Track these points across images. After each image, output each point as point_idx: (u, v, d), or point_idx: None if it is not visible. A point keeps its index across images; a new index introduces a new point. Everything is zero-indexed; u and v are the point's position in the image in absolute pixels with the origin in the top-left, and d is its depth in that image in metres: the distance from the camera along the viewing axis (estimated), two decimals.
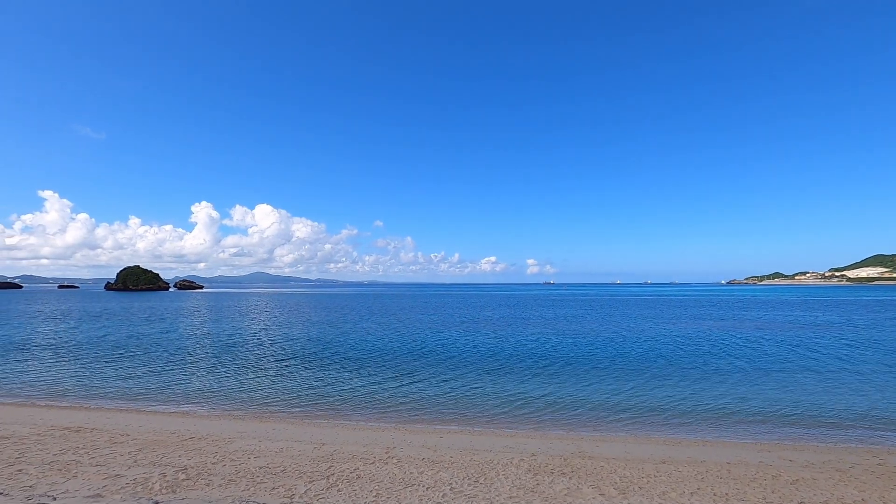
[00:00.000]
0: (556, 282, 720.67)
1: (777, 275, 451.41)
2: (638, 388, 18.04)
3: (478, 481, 8.01)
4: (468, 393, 17.48)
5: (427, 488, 7.58)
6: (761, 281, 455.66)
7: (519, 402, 16.19)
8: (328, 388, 18.32)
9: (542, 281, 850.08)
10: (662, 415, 14.75)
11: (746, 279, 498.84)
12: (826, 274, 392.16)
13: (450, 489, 7.57)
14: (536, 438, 11.95)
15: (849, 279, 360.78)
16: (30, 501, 6.41)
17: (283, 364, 23.42)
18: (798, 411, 14.93)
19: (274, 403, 16.12)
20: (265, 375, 20.66)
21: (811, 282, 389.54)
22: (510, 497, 7.31)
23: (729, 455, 10.43)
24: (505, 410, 15.29)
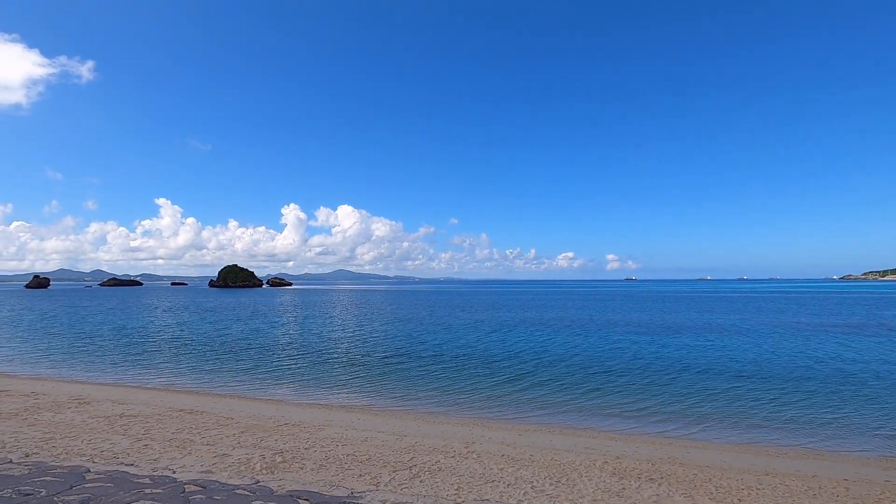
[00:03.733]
0: (638, 278, 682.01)
1: None
2: (738, 393, 16.68)
3: (559, 481, 7.85)
4: (547, 391, 17.18)
5: (507, 485, 7.56)
6: (884, 276, 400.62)
7: (601, 403, 15.63)
8: (409, 381, 18.87)
9: (622, 277, 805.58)
10: (766, 422, 13.51)
11: (864, 274, 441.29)
12: None
13: (531, 487, 7.49)
14: (621, 441, 11.47)
15: None
16: (155, 473, 7.27)
17: (368, 357, 24.47)
18: None
19: (359, 394, 16.91)
20: (352, 368, 21.72)
21: None
22: (594, 500, 7.08)
23: (847, 471, 9.31)
24: (586, 410, 14.84)
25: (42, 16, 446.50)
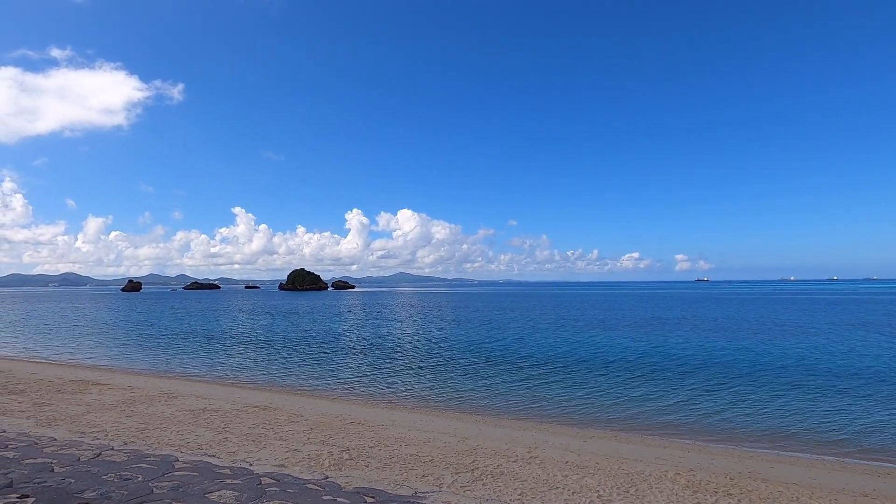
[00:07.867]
0: (710, 279, 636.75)
1: None
2: (835, 407, 15.25)
3: (628, 492, 7.54)
4: (614, 397, 16.58)
5: (572, 493, 7.36)
6: None
7: (675, 410, 14.85)
8: (471, 384, 18.92)
9: (693, 279, 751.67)
10: (864, 439, 12.24)
11: None
12: None
13: (597, 496, 7.25)
14: (694, 451, 10.83)
15: None
16: (234, 464, 7.78)
17: (431, 359, 24.82)
18: None
19: (421, 395, 17.17)
20: (415, 368, 22.14)
21: None
22: None
23: None
24: (655, 417, 14.16)
25: (142, 44, 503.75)
